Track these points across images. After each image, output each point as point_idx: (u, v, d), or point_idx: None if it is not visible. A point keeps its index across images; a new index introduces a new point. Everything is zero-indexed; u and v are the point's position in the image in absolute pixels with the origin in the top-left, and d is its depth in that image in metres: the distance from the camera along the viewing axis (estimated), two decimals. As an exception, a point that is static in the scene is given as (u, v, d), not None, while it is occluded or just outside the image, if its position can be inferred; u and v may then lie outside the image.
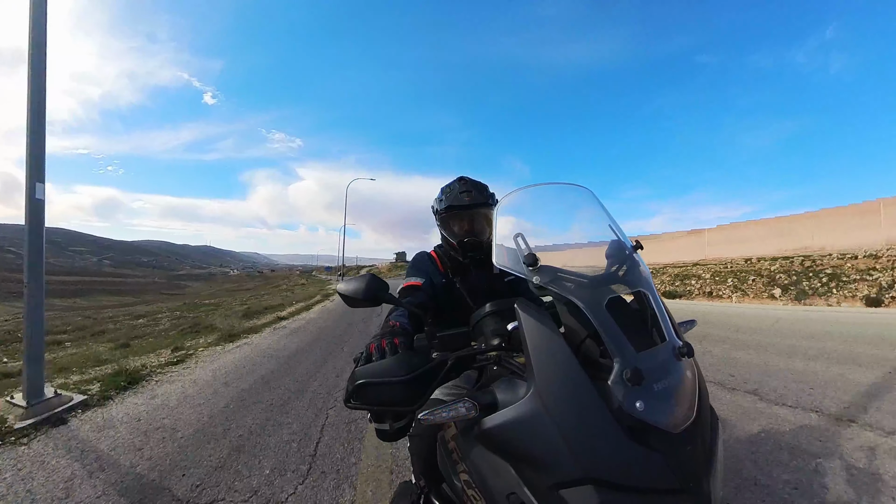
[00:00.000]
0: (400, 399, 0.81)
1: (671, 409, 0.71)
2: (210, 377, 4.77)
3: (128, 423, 3.19)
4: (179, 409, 3.61)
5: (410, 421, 1.17)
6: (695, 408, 0.75)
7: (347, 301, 1.04)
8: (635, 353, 0.72)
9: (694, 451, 0.70)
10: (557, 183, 1.07)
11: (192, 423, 3.26)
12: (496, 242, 0.98)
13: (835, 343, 5.63)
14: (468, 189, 1.56)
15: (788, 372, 4.27)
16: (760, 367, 4.52)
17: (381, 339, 0.95)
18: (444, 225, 1.60)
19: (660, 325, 0.81)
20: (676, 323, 0.89)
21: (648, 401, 0.68)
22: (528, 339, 0.76)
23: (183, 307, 22.31)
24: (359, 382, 0.81)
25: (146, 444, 2.81)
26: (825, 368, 4.35)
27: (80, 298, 58.22)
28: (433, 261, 1.61)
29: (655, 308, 0.83)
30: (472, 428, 0.80)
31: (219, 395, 4.02)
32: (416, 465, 1.33)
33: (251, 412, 3.52)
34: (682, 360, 0.78)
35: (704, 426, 0.76)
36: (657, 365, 0.73)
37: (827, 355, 4.92)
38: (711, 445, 0.76)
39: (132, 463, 2.52)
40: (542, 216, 1.15)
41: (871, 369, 4.24)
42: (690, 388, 0.76)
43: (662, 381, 0.72)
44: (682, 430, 0.70)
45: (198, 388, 4.26)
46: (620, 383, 0.68)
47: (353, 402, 0.82)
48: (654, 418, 0.67)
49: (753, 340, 6.12)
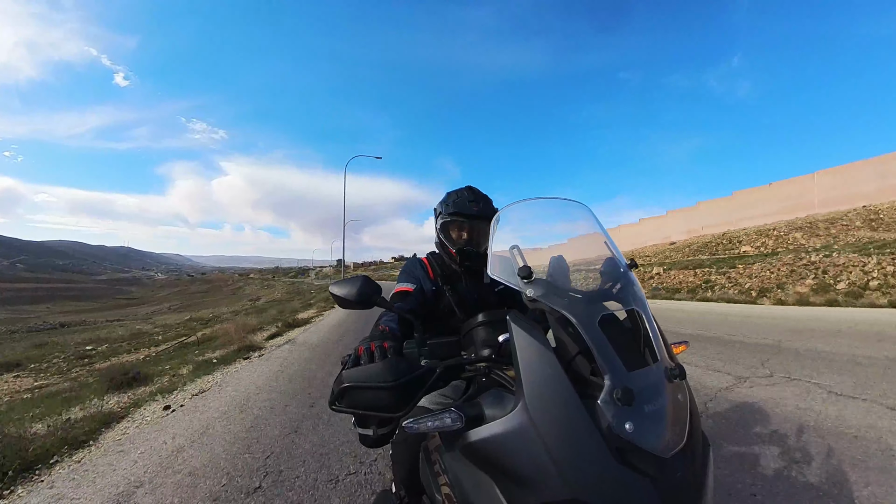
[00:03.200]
0: (385, 405, 0.79)
1: (662, 432, 0.69)
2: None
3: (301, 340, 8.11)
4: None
5: (394, 428, 1.15)
6: (686, 432, 0.73)
7: (339, 302, 1.03)
8: (626, 372, 0.71)
9: (684, 477, 0.68)
10: (555, 198, 1.07)
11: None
12: (492, 253, 0.97)
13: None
14: (477, 199, 1.56)
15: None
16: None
17: (370, 342, 0.93)
18: (444, 229, 1.59)
19: (652, 345, 0.80)
20: (669, 344, 0.89)
21: (638, 422, 0.67)
22: (519, 353, 0.75)
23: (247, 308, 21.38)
24: (345, 385, 0.79)
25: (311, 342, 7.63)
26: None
27: (49, 304, 57.09)
28: (424, 267, 1.60)
29: (649, 328, 0.82)
30: (456, 440, 0.79)
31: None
32: (397, 473, 1.31)
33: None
34: (674, 382, 0.76)
35: (696, 452, 0.74)
36: (648, 385, 0.72)
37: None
38: (702, 472, 0.74)
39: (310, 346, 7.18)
40: (538, 230, 1.16)
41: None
42: (682, 411, 0.75)
43: (653, 403, 0.71)
44: (673, 455, 0.68)
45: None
46: (610, 403, 0.67)
47: (337, 405, 0.80)
48: (643, 441, 0.66)
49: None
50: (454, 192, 1.63)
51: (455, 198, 1.58)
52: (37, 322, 32.09)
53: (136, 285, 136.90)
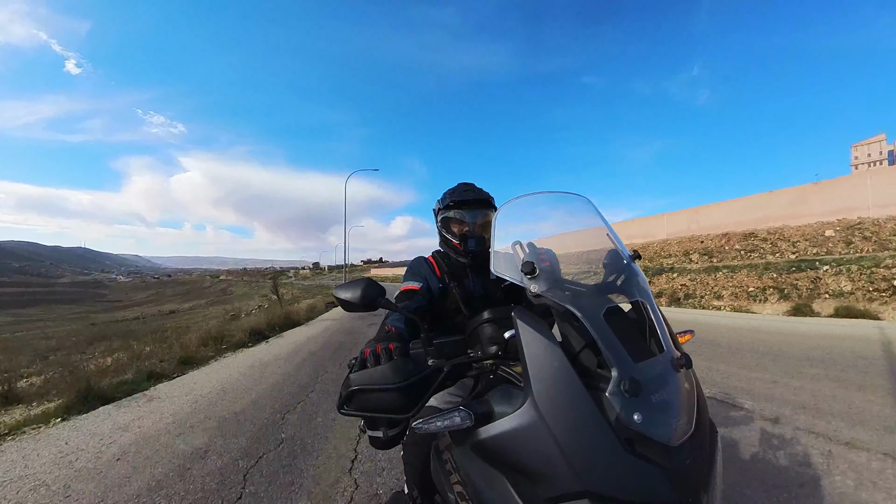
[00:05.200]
0: (394, 406, 0.79)
1: (669, 421, 0.70)
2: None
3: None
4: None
5: (404, 429, 1.15)
6: (693, 420, 0.74)
7: (343, 305, 1.03)
8: (633, 363, 0.71)
9: (693, 464, 0.69)
10: (556, 192, 1.07)
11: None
12: (494, 249, 0.97)
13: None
14: (470, 188, 1.62)
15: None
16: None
17: (375, 344, 0.93)
18: (445, 224, 1.60)
19: (658, 335, 0.80)
20: (675, 333, 0.88)
21: (646, 412, 0.67)
22: (525, 348, 0.75)
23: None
24: (352, 388, 0.80)
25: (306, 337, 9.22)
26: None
27: (33, 308, 57.03)
28: (430, 265, 1.61)
29: (654, 318, 0.82)
30: (466, 438, 0.79)
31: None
32: (409, 474, 1.31)
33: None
34: (681, 372, 0.76)
35: (703, 439, 0.75)
36: (655, 376, 0.72)
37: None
38: (710, 459, 0.74)
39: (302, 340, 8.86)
40: (540, 224, 1.15)
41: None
42: (689, 400, 0.75)
43: (660, 393, 0.71)
44: (681, 443, 0.69)
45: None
46: (618, 394, 0.67)
47: (346, 409, 0.81)
48: (652, 430, 0.66)
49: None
50: (449, 189, 1.67)
51: (450, 192, 1.63)
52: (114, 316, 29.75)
53: (103, 288, 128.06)
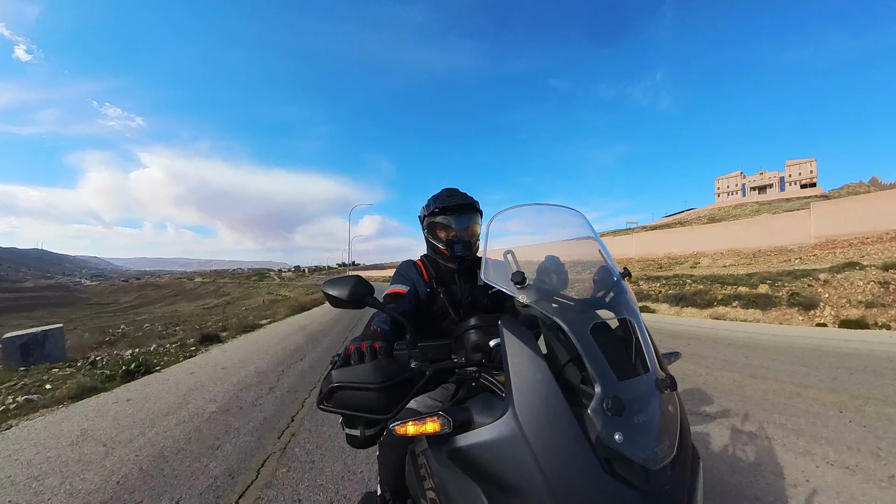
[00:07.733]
0: (374, 406, 0.78)
1: (651, 443, 0.68)
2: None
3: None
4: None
5: (382, 430, 1.14)
6: (675, 444, 0.72)
7: (332, 301, 1.02)
8: (617, 381, 0.70)
9: (673, 490, 0.68)
10: (550, 204, 1.08)
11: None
12: (485, 256, 0.97)
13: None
14: (455, 193, 1.64)
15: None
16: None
17: (361, 342, 0.92)
18: (431, 230, 1.61)
19: (644, 354, 0.80)
20: (661, 354, 0.88)
21: (628, 433, 0.66)
22: (510, 358, 0.75)
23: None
24: (334, 385, 0.78)
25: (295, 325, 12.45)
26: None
27: (28, 312, 55.40)
28: (419, 269, 1.60)
29: (640, 337, 0.81)
30: (443, 444, 0.78)
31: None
32: (382, 475, 1.29)
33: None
34: (665, 393, 0.76)
35: (685, 464, 0.74)
36: (639, 396, 0.72)
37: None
38: (691, 486, 0.73)
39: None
40: (532, 235, 1.16)
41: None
42: (672, 422, 0.75)
43: (643, 414, 0.70)
44: (662, 467, 0.68)
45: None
46: (600, 412, 0.67)
47: (325, 405, 0.79)
48: (633, 452, 0.65)
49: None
50: (433, 195, 1.69)
51: (435, 198, 1.64)
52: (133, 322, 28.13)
53: (80, 293, 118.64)
